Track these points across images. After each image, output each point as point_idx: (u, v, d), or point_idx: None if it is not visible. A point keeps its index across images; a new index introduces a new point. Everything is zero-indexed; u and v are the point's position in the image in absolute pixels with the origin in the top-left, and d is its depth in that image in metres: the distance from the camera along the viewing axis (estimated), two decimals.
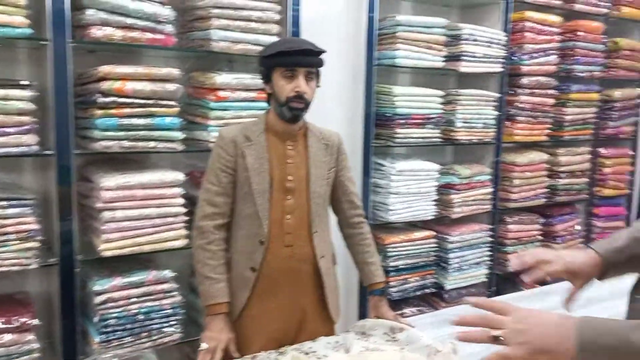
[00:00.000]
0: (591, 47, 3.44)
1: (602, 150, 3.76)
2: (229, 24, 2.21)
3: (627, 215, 4.03)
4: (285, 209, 1.73)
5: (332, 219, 1.93)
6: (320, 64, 1.70)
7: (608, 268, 1.13)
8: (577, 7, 3.35)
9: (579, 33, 3.36)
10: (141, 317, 2.12)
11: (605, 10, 3.50)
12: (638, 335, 0.76)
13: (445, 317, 1.98)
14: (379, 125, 2.79)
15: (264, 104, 2.30)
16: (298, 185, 1.74)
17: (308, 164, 1.76)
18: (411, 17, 2.75)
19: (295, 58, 1.64)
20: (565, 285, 1.25)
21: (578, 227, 3.69)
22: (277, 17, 2.34)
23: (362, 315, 2.80)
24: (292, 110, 1.68)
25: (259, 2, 2.27)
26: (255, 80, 2.29)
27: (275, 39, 2.33)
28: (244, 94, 2.29)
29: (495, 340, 0.86)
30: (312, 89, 1.70)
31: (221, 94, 2.23)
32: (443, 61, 2.89)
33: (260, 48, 2.29)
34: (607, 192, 3.81)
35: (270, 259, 1.72)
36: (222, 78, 2.21)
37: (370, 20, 2.64)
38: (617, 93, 3.69)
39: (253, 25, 2.27)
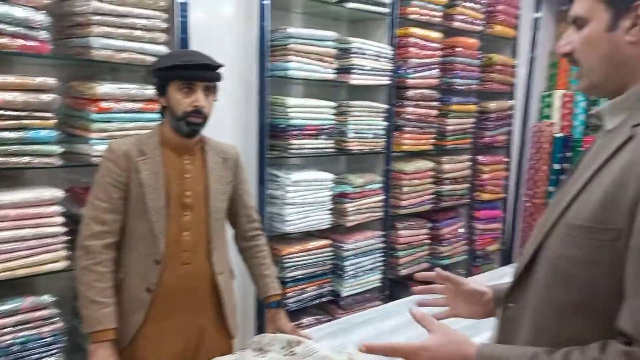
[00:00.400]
0: (468, 62, 3.70)
1: (480, 158, 4.04)
2: (111, 31, 2.09)
3: (504, 217, 4.37)
4: (182, 225, 1.67)
5: (228, 232, 1.89)
6: (218, 78, 1.67)
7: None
8: (456, 24, 3.58)
9: (457, 49, 3.60)
10: (16, 347, 1.93)
11: (480, 28, 3.77)
12: None
13: (341, 327, 2.01)
14: (273, 136, 2.79)
15: (153, 115, 2.22)
16: (196, 200, 1.69)
17: (207, 179, 1.71)
18: (302, 30, 2.78)
19: (193, 72, 1.59)
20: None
21: (461, 230, 3.93)
22: (163, 25, 2.26)
23: (260, 329, 2.76)
24: (190, 125, 1.63)
25: (143, 10, 2.17)
26: (143, 90, 2.19)
27: (162, 47, 2.25)
28: (129, 105, 2.18)
29: None
30: (211, 103, 1.66)
31: (103, 104, 2.10)
32: (334, 73, 2.95)
33: (146, 57, 2.21)
34: (485, 196, 4.10)
35: (167, 278, 1.65)
36: (104, 88, 2.09)
37: (262, 30, 2.63)
38: (492, 105, 4.00)
39: (138, 33, 2.17)
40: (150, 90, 2.21)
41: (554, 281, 0.86)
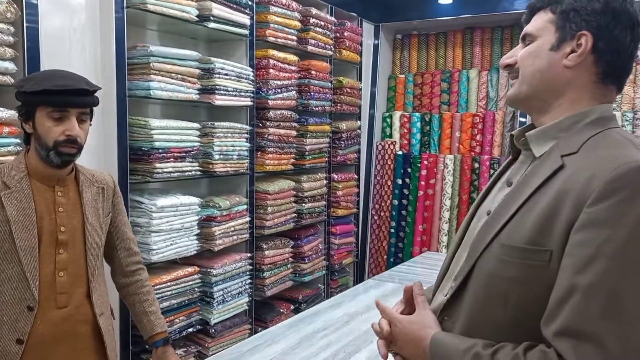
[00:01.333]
0: (322, 85, 3.86)
1: (335, 176, 4.22)
2: None
3: (357, 231, 4.61)
4: (57, 265, 1.47)
5: (106, 268, 1.72)
6: (95, 103, 1.52)
7: None
8: (310, 48, 3.72)
9: (312, 72, 3.74)
10: None
11: (330, 53, 3.97)
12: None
13: (232, 357, 1.94)
14: (134, 160, 2.61)
15: (3, 140, 1.95)
16: (71, 236, 1.51)
17: (83, 212, 1.54)
18: (164, 48, 2.66)
19: (66, 98, 1.42)
20: None
21: (320, 246, 4.05)
22: (10, 39, 2.00)
23: None
24: (62, 156, 1.46)
25: None
26: None
27: (9, 64, 1.99)
28: None
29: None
30: (86, 131, 1.50)
31: None
32: (197, 94, 2.86)
33: None
34: (340, 212, 4.29)
35: (41, 325, 1.45)
36: None
37: (119, 47, 2.47)
38: (343, 125, 4.21)
39: None
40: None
41: (490, 300, 0.93)
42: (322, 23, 3.82)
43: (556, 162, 0.92)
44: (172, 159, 2.71)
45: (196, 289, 2.91)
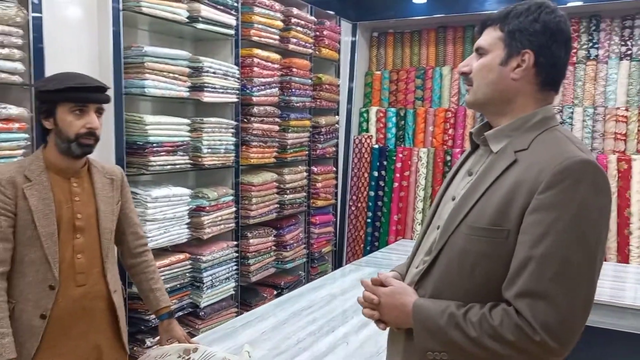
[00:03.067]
0: (303, 82, 4.06)
1: (314, 168, 4.43)
2: None
3: (335, 220, 4.84)
4: (75, 248, 1.66)
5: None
6: (109, 100, 1.70)
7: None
8: (291, 47, 3.91)
9: (293, 69, 3.93)
10: None
11: (310, 51, 4.17)
12: (448, 323, 1.09)
13: (226, 331, 2.15)
14: (129, 153, 2.78)
15: (10, 135, 2.11)
16: (87, 223, 1.70)
17: (96, 201, 1.72)
18: (157, 49, 2.83)
19: (86, 94, 1.61)
20: None
21: (301, 235, 4.26)
22: (19, 41, 2.16)
23: None
24: (82, 147, 1.64)
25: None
26: (0, 109, 2.07)
27: (19, 64, 2.15)
28: None
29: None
30: (101, 125, 1.69)
31: None
32: (187, 91, 3.04)
33: (1, 75, 2.09)
34: (319, 203, 4.51)
35: (62, 302, 1.63)
36: None
37: (117, 47, 2.63)
38: (322, 120, 4.43)
39: None
40: (8, 110, 2.10)
41: (460, 270, 1.14)
42: (303, 22, 4.02)
43: (510, 157, 1.14)
44: (164, 153, 2.89)
45: (187, 274, 3.10)
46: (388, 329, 1.28)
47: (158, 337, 2.81)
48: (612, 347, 2.67)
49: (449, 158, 4.63)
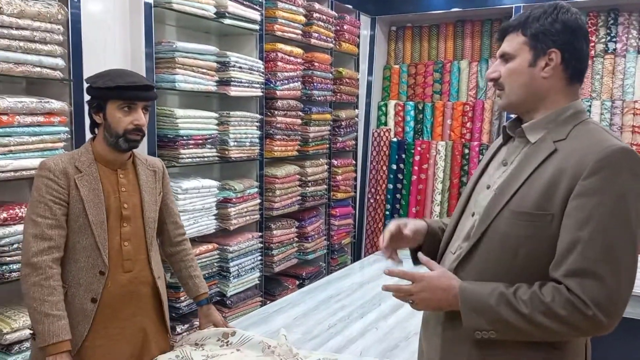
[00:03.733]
0: (324, 76, 4.12)
1: (335, 161, 4.50)
2: (11, 44, 2.03)
3: (354, 213, 4.91)
4: (122, 236, 1.75)
5: None
6: (156, 97, 1.78)
7: (426, 239, 1.47)
8: (313, 41, 3.98)
9: (315, 63, 3.99)
10: None
11: (331, 45, 4.23)
12: (498, 302, 1.15)
13: (260, 317, 2.23)
14: (160, 146, 2.87)
15: (53, 128, 2.21)
16: (133, 212, 1.78)
17: (140, 191, 1.81)
18: (186, 44, 2.91)
19: (135, 92, 1.69)
20: None
21: (322, 227, 4.34)
22: (60, 38, 2.24)
23: None
24: (130, 142, 1.72)
25: (42, 23, 2.14)
26: (43, 104, 2.16)
27: (59, 60, 2.24)
28: (28, 119, 2.13)
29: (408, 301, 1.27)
30: (147, 121, 1.77)
31: (4, 119, 2.03)
32: (215, 85, 3.12)
33: (43, 70, 2.19)
34: (340, 195, 4.58)
35: (111, 287, 1.72)
36: (5, 102, 2.02)
37: (149, 44, 2.71)
38: (342, 114, 4.49)
39: (36, 46, 2.13)
40: (51, 104, 2.18)
41: (503, 254, 1.20)
42: (324, 17, 4.08)
43: (550, 146, 1.22)
44: (194, 146, 2.97)
45: (215, 264, 3.19)
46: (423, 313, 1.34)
47: (188, 325, 2.94)
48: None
49: (467, 151, 4.67)
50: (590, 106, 4.27)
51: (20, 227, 2.07)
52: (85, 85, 1.77)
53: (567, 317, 1.10)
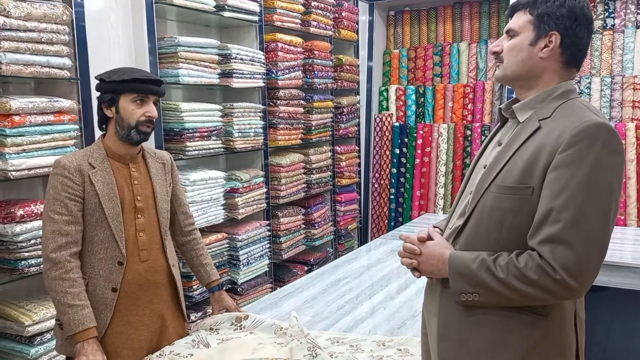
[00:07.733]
0: (324, 64, 4.16)
1: (338, 148, 4.56)
2: (19, 46, 2.09)
3: (359, 198, 4.97)
4: (137, 227, 1.82)
5: None
6: (164, 92, 1.85)
7: None
8: (312, 30, 4.02)
9: (315, 52, 4.04)
10: None
11: (330, 33, 4.26)
12: (479, 267, 1.24)
13: (271, 302, 2.31)
14: (167, 140, 2.93)
15: (64, 127, 2.27)
16: (146, 204, 1.85)
17: (152, 184, 1.88)
18: (188, 38, 2.96)
19: (148, 86, 1.76)
20: None
21: (328, 213, 4.41)
22: (66, 38, 2.30)
23: None
24: (141, 134, 1.79)
25: (49, 24, 2.20)
26: (53, 103, 2.22)
27: (67, 60, 2.30)
28: (40, 118, 2.19)
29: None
30: (156, 114, 1.84)
31: (16, 119, 2.10)
32: (218, 78, 3.17)
33: (51, 70, 2.25)
34: (344, 181, 4.65)
35: (129, 276, 1.80)
36: (17, 103, 2.08)
37: (152, 39, 2.77)
38: (344, 100, 4.53)
39: (43, 47, 2.19)
40: (60, 103, 2.25)
41: (489, 225, 1.29)
42: (322, 5, 4.11)
43: (535, 124, 1.29)
44: (199, 138, 3.03)
45: (225, 253, 3.27)
46: (426, 283, 1.43)
47: (202, 312, 3.02)
48: (635, 306, 2.79)
49: (468, 133, 4.72)
50: (590, 83, 4.30)
51: (36, 224, 2.15)
52: (95, 82, 1.83)
53: (538, 280, 1.17)
